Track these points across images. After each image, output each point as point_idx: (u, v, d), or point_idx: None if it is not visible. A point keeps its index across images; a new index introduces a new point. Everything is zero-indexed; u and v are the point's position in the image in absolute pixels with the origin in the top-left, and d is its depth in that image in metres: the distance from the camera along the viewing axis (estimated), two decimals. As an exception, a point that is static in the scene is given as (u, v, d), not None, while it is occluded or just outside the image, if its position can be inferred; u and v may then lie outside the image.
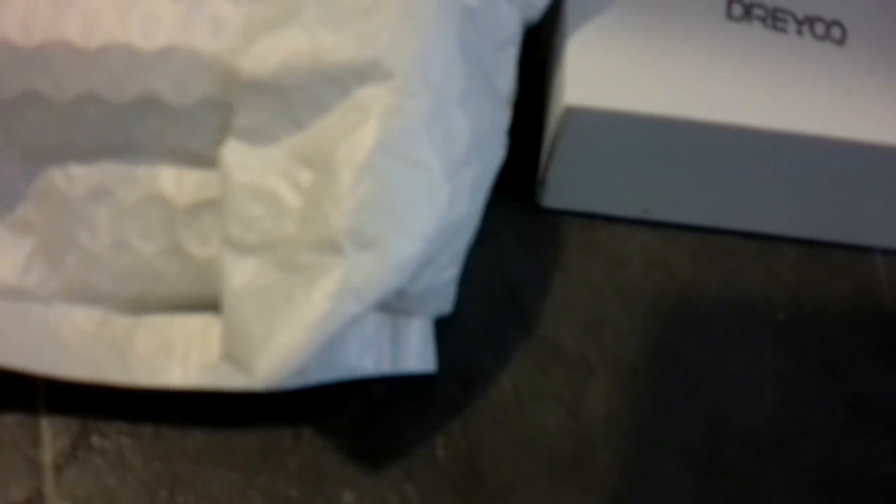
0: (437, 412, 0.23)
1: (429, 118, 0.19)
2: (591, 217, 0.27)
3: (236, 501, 0.21)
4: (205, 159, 0.21)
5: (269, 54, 0.19)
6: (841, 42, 0.25)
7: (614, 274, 0.26)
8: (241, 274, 0.19)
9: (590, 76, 0.23)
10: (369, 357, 0.21)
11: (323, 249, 0.19)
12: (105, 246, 0.21)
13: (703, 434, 0.23)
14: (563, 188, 0.26)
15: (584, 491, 0.22)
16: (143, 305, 0.21)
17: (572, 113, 0.23)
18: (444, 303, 0.23)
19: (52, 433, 0.22)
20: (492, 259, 0.25)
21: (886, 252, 0.26)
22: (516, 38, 0.23)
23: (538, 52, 0.27)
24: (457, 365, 0.24)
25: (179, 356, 0.21)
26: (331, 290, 0.18)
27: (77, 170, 0.21)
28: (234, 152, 0.20)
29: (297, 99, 0.19)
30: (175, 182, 0.21)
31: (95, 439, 0.22)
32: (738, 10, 0.25)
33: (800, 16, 0.25)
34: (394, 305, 0.21)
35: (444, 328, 0.23)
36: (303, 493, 0.22)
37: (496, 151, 0.22)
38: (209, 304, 0.21)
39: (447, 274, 0.21)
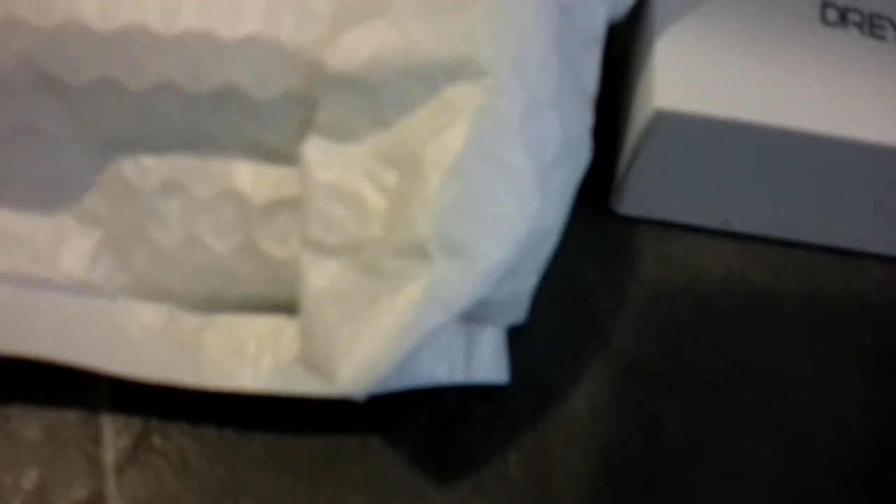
0: (509, 425, 0.22)
1: (522, 119, 0.18)
2: (666, 226, 0.26)
3: (303, 511, 0.21)
4: (284, 156, 0.20)
5: (356, 48, 0.18)
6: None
7: (692, 287, 0.25)
8: (321, 276, 0.19)
9: (680, 79, 0.22)
10: (442, 365, 0.20)
11: (409, 254, 0.18)
12: (176, 241, 0.20)
13: (786, 460, 0.22)
14: (641, 195, 0.25)
15: (665, 514, 0.21)
16: (213, 305, 0.21)
17: (661, 117, 0.22)
18: (519, 312, 0.22)
19: (113, 432, 0.21)
20: (563, 267, 0.24)
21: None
22: (601, 37, 0.22)
23: (611, 50, 0.26)
24: (529, 377, 0.23)
25: (251, 358, 0.20)
26: (417, 298, 0.18)
27: (149, 161, 0.20)
28: (315, 149, 0.19)
29: (383, 95, 0.18)
30: (251, 178, 0.20)
31: (157, 440, 0.21)
32: (832, 14, 0.24)
33: (901, 22, 0.24)
34: (469, 313, 0.20)
35: (515, 338, 0.22)
36: (371, 505, 0.21)
37: (583, 155, 0.21)
38: (283, 306, 0.20)
39: (528, 283, 0.21)
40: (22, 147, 0.20)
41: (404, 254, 0.18)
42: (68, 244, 0.21)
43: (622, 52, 0.26)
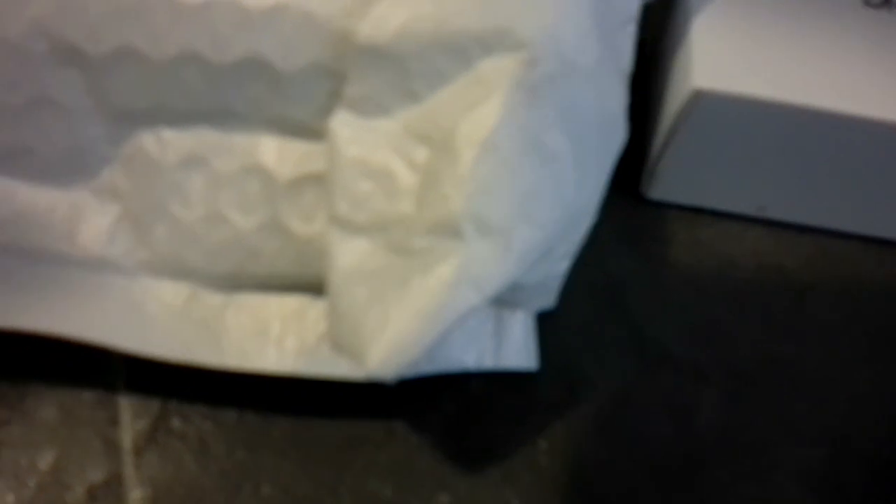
0: (538, 414, 0.21)
1: (559, 96, 0.17)
2: (697, 212, 0.25)
3: (325, 498, 0.20)
4: (310, 130, 0.19)
5: (387, 18, 0.17)
6: None
7: (725, 275, 0.24)
8: (349, 255, 0.18)
9: (718, 59, 0.22)
10: (471, 351, 0.20)
11: (441, 233, 0.17)
12: (198, 217, 0.19)
13: (825, 456, 0.21)
14: (674, 179, 0.24)
15: (699, 507, 0.21)
16: (235, 283, 0.20)
17: (699, 97, 0.21)
18: (549, 297, 0.21)
19: (130, 413, 0.21)
20: (593, 253, 0.23)
21: None
22: (636, 15, 0.21)
23: (643, 32, 0.25)
24: (558, 365, 0.22)
25: (274, 339, 0.19)
26: (449, 278, 0.17)
27: (170, 134, 0.20)
28: (343, 124, 0.18)
29: (414, 68, 0.18)
30: (276, 153, 0.19)
31: (176, 422, 0.21)
32: (876, -5, 0.24)
33: (951, 3, 0.23)
34: (500, 297, 0.20)
35: (544, 325, 0.22)
36: (396, 493, 0.20)
37: (619, 134, 0.20)
38: (308, 285, 0.20)
39: (560, 267, 0.20)
40: (39, 120, 0.20)
41: (435, 232, 0.17)
42: (86, 219, 0.20)
43: (654, 33, 0.25)
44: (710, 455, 0.21)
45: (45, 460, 0.20)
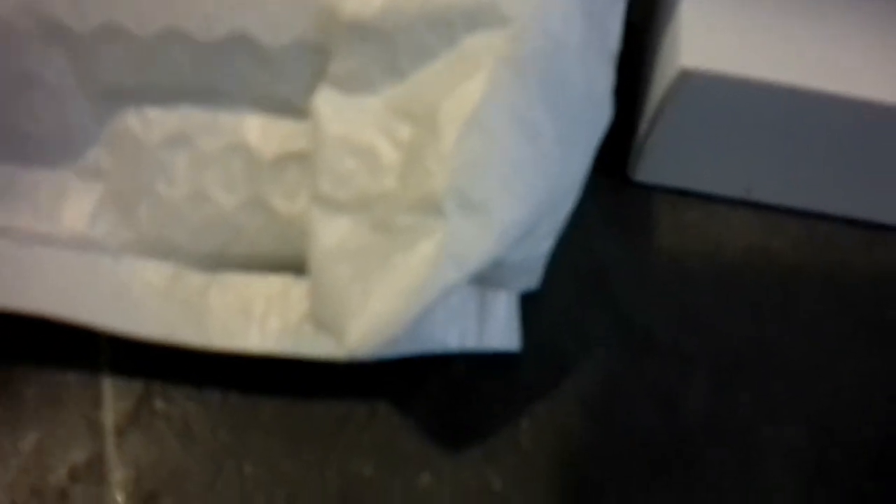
0: (521, 395, 0.21)
1: (544, 73, 0.17)
2: (683, 194, 0.25)
3: (309, 477, 0.20)
4: (294, 108, 0.19)
5: (373, -6, 0.18)
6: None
7: (711, 258, 0.24)
8: (331, 233, 0.18)
9: (707, 39, 0.22)
10: (454, 330, 0.19)
11: (423, 210, 0.17)
12: (182, 196, 0.19)
13: (808, 439, 0.21)
14: (660, 161, 0.24)
15: (684, 491, 0.21)
16: (219, 262, 0.20)
17: (687, 76, 0.21)
18: (533, 277, 0.21)
19: (114, 394, 0.21)
20: (577, 235, 0.23)
21: None
22: (624, -5, 0.21)
23: (630, 13, 0.25)
24: (542, 347, 0.22)
25: (258, 319, 0.19)
26: (431, 255, 0.17)
27: (154, 113, 0.19)
28: (327, 102, 0.18)
29: (399, 45, 0.18)
30: (260, 131, 0.19)
31: (159, 403, 0.21)
32: (865, -23, 0.23)
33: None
34: (483, 276, 0.20)
35: (528, 307, 0.22)
36: (378, 472, 0.20)
37: (604, 113, 0.20)
38: (291, 264, 0.20)
39: (544, 245, 0.20)
40: (24, 98, 0.20)
41: (418, 209, 0.17)
42: (70, 199, 0.20)
43: (642, 12, 0.25)
44: (694, 440, 0.21)
45: (28, 441, 0.20)
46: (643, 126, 0.23)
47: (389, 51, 0.18)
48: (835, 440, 0.22)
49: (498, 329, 0.20)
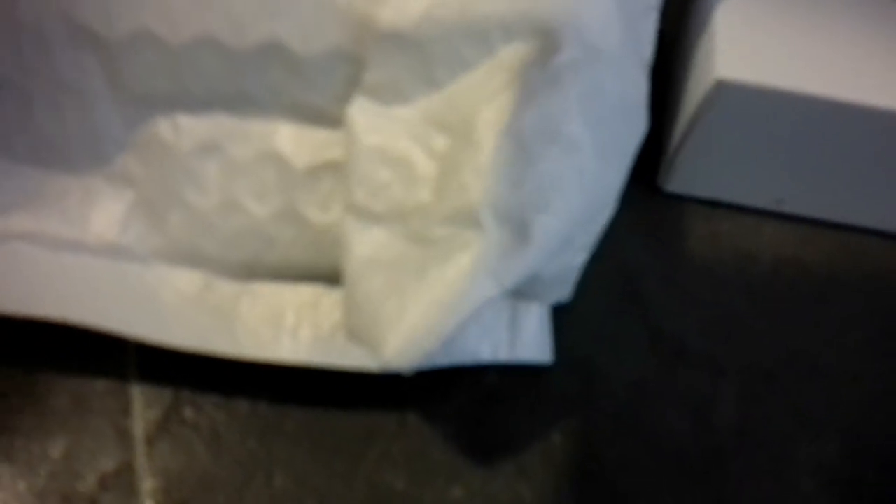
0: (553, 407, 0.21)
1: (582, 84, 0.17)
2: (714, 205, 0.25)
3: (339, 489, 0.20)
4: (328, 117, 0.19)
5: (410, 3, 0.17)
6: None
7: (742, 269, 0.24)
8: (366, 244, 0.18)
9: (742, 50, 0.21)
10: (486, 342, 0.19)
11: (459, 222, 0.17)
12: (213, 205, 0.19)
13: (842, 452, 0.21)
14: (692, 171, 0.24)
15: (715, 503, 0.20)
16: (250, 271, 0.20)
17: (722, 87, 0.21)
18: (565, 289, 0.21)
19: (143, 403, 0.21)
20: (609, 246, 0.23)
21: None
22: (658, 3, 0.21)
23: (661, 23, 0.25)
24: (574, 358, 0.22)
25: (289, 328, 0.19)
26: (467, 269, 0.17)
27: (185, 121, 0.19)
28: (362, 111, 0.18)
29: (436, 55, 0.18)
30: (293, 140, 0.19)
31: (188, 412, 0.21)
32: (901, -14, 0.23)
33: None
34: (517, 288, 0.19)
35: (560, 318, 0.22)
36: (410, 486, 0.20)
37: (640, 123, 0.20)
38: (324, 275, 0.19)
39: (578, 258, 0.20)
40: (55, 103, 0.20)
41: (454, 222, 0.17)
42: (100, 205, 0.20)
43: (674, 22, 0.25)
44: (726, 450, 0.21)
45: (57, 449, 0.20)
46: (676, 136, 0.23)
47: (425, 61, 0.18)
48: (865, 452, 0.21)
49: (530, 341, 0.20)
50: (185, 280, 0.20)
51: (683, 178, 0.24)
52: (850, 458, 0.21)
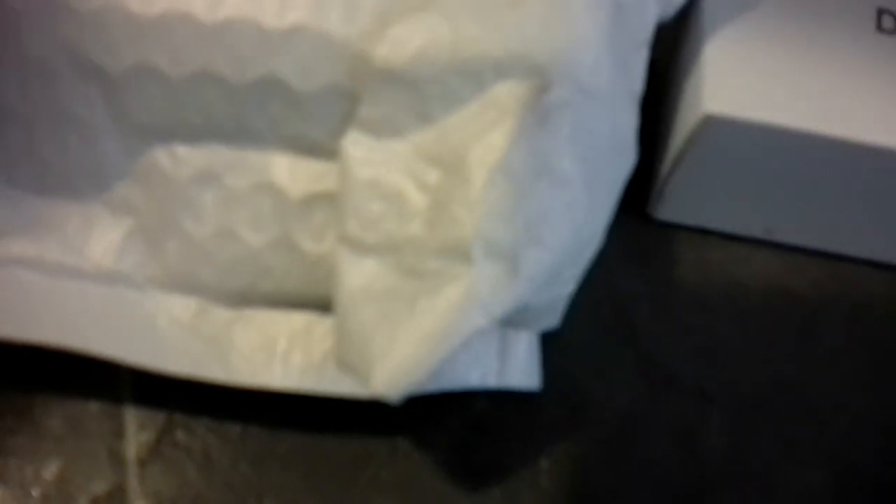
0: (541, 435, 0.21)
1: (573, 122, 0.18)
2: (704, 233, 0.25)
3: (329, 514, 0.21)
4: (323, 150, 0.19)
5: (404, 41, 0.18)
6: None
7: (732, 297, 0.24)
8: (358, 275, 0.18)
9: (730, 84, 0.22)
10: (475, 369, 0.20)
11: (450, 255, 0.17)
12: (209, 233, 0.20)
13: (827, 480, 0.21)
14: (682, 200, 0.24)
15: (702, 533, 0.21)
16: (245, 299, 0.20)
17: (710, 121, 0.21)
18: (554, 317, 0.21)
19: (136, 425, 0.21)
20: (599, 274, 0.23)
21: None
22: (650, 38, 0.21)
23: (653, 52, 0.26)
24: (562, 385, 0.22)
25: (281, 355, 0.19)
26: (457, 301, 0.17)
27: (184, 151, 0.20)
28: (356, 145, 0.18)
29: (429, 91, 0.18)
30: (289, 171, 0.19)
31: (181, 435, 0.21)
32: (889, 22, 0.23)
33: (963, 32, 0.23)
34: (506, 317, 0.20)
35: (549, 346, 0.22)
36: (399, 511, 0.21)
37: (629, 158, 0.20)
38: (317, 304, 0.20)
39: (567, 289, 0.20)
40: (57, 134, 0.20)
41: (445, 255, 0.18)
42: (98, 232, 0.20)
43: (665, 53, 0.25)
44: (714, 479, 0.21)
45: (50, 470, 0.20)
46: (665, 167, 0.24)
47: (419, 97, 0.18)
48: (854, 481, 0.21)
49: (518, 368, 0.20)
50: (181, 306, 0.20)
51: (673, 207, 0.24)
52: (838, 486, 0.21)
